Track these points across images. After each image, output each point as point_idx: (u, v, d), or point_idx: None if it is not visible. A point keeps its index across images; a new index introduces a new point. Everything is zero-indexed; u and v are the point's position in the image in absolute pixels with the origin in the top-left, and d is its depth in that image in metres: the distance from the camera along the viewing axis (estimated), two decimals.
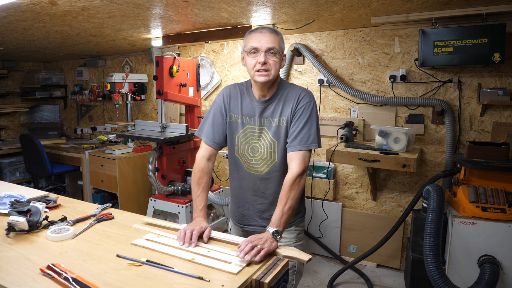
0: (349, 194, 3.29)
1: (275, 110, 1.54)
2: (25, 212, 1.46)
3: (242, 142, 1.60)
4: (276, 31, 1.51)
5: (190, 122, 3.39)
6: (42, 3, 2.00)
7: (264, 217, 1.64)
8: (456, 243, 2.21)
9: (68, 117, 5.40)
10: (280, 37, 1.51)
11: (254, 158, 1.58)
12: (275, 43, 1.47)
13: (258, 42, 1.46)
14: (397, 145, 2.69)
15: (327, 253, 3.33)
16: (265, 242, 1.25)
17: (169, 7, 2.21)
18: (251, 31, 1.52)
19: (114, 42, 3.56)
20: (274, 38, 1.48)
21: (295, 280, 1.64)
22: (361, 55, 3.08)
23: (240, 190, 1.67)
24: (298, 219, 1.69)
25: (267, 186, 1.60)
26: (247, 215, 1.68)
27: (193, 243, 1.30)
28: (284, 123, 1.53)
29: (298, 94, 1.54)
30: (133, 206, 3.77)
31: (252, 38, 1.49)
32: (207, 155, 1.63)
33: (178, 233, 1.35)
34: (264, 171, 1.58)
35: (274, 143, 1.55)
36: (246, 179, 1.63)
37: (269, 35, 1.47)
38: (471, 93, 2.72)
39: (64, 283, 1.04)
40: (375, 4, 2.22)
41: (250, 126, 1.58)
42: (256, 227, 1.65)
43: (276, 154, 1.56)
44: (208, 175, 1.60)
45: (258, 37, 1.47)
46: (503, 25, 2.33)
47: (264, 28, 1.50)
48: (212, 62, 3.86)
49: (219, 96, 1.65)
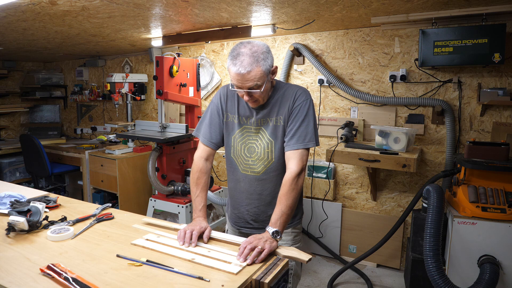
0: (349, 194, 3.29)
1: (272, 110, 1.54)
2: (25, 212, 1.46)
3: (238, 143, 1.59)
4: (255, 60, 1.38)
5: (190, 122, 3.39)
6: (42, 3, 2.00)
7: (259, 220, 1.63)
8: (456, 243, 2.21)
9: (68, 117, 5.40)
10: (260, 64, 1.39)
11: (251, 159, 1.58)
12: (255, 80, 1.39)
13: (238, 81, 1.41)
14: (397, 145, 2.69)
15: (327, 253, 3.33)
16: (265, 243, 1.25)
17: (169, 7, 2.21)
18: (231, 60, 1.41)
19: (114, 42, 3.56)
20: (253, 74, 1.38)
21: (293, 282, 1.62)
22: (361, 55, 3.08)
23: (236, 192, 1.67)
24: (295, 221, 1.67)
25: (264, 187, 1.59)
26: (242, 218, 1.67)
27: (193, 243, 1.30)
28: (281, 122, 1.53)
29: (294, 93, 1.53)
30: (133, 206, 3.77)
31: (232, 74, 1.42)
32: (205, 155, 1.63)
33: (178, 233, 1.35)
34: (261, 171, 1.58)
35: (272, 143, 1.54)
36: (241, 182, 1.63)
37: (247, 74, 1.38)
38: (471, 93, 2.72)
39: (64, 283, 1.04)
40: (375, 4, 2.22)
41: (247, 126, 1.57)
42: (252, 230, 1.64)
43: (273, 154, 1.55)
44: (206, 175, 1.60)
45: (237, 77, 1.40)
46: (503, 25, 2.33)
47: (242, 63, 1.37)
48: (212, 62, 3.86)
49: (216, 96, 1.65)
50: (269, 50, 1.45)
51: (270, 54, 1.44)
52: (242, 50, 1.40)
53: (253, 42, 1.43)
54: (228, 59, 1.43)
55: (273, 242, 1.28)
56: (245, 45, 1.41)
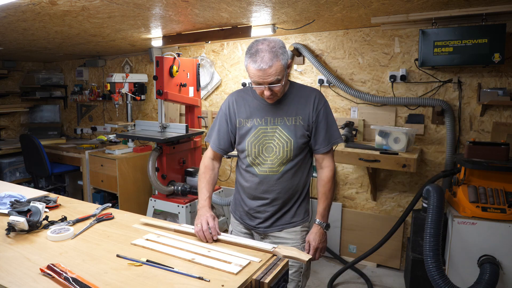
0: (349, 194, 3.29)
1: (290, 110, 1.58)
2: (25, 212, 1.46)
3: (255, 145, 1.60)
4: (274, 55, 1.42)
5: (190, 122, 3.39)
6: (42, 3, 2.00)
7: (274, 217, 1.65)
8: (456, 243, 2.21)
9: (68, 117, 5.40)
10: (280, 59, 1.43)
11: (270, 158, 1.59)
12: (276, 74, 1.43)
13: (259, 78, 1.44)
14: (397, 145, 2.69)
15: (327, 253, 3.32)
16: (324, 241, 1.65)
17: (169, 7, 2.21)
18: (251, 58, 1.44)
19: (114, 42, 3.56)
20: (274, 69, 1.42)
21: (302, 281, 1.66)
22: (361, 55, 3.08)
23: (251, 190, 1.66)
24: (304, 218, 1.71)
25: (281, 185, 1.61)
26: (256, 216, 1.68)
27: (215, 236, 1.36)
28: (301, 122, 1.58)
29: (313, 98, 1.60)
30: (133, 206, 3.77)
31: (252, 71, 1.45)
32: (212, 157, 1.73)
33: (196, 233, 1.38)
34: (279, 170, 1.60)
35: (290, 142, 1.57)
36: (258, 181, 1.63)
37: (268, 69, 1.41)
38: (471, 93, 2.72)
39: (64, 283, 1.04)
40: (375, 4, 2.22)
41: (262, 127, 1.59)
42: (265, 229, 1.67)
43: (292, 153, 1.59)
44: (212, 172, 1.69)
45: (258, 73, 1.43)
46: (503, 25, 2.33)
47: (263, 59, 1.41)
48: (212, 62, 3.86)
49: (225, 104, 1.70)
50: (285, 45, 1.50)
51: (286, 48, 1.50)
52: (260, 47, 1.44)
53: (269, 39, 1.47)
54: (246, 57, 1.47)
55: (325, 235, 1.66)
56: (262, 42, 1.46)
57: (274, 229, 1.66)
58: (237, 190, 1.76)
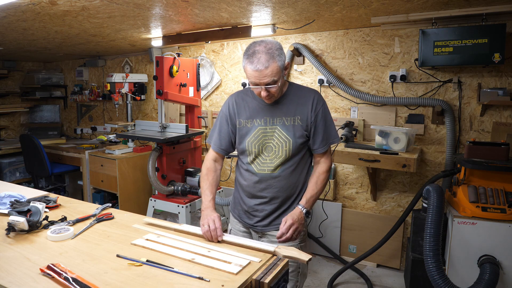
0: (349, 194, 3.29)
1: (289, 110, 1.61)
2: (25, 212, 1.46)
3: (255, 145, 1.62)
4: (271, 56, 1.45)
5: (190, 122, 3.39)
6: (42, 3, 2.00)
7: (273, 216, 1.67)
8: (456, 243, 2.21)
9: (68, 117, 5.40)
10: (276, 60, 1.46)
11: (269, 157, 1.62)
12: (272, 75, 1.46)
13: (256, 78, 1.48)
14: (397, 145, 2.69)
15: (327, 253, 3.33)
16: (301, 224, 1.55)
17: (169, 7, 2.21)
18: (248, 59, 1.47)
19: (114, 42, 3.56)
20: (270, 70, 1.45)
21: (300, 281, 1.67)
22: (361, 55, 3.08)
23: (249, 188, 1.68)
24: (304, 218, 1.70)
25: (279, 183, 1.63)
26: (254, 215, 1.70)
27: (220, 237, 1.38)
28: (299, 122, 1.60)
29: (312, 98, 1.62)
30: (133, 206, 3.77)
31: (249, 71, 1.48)
32: (214, 158, 1.76)
33: (204, 234, 1.40)
34: (277, 169, 1.62)
35: (289, 141, 1.59)
36: (257, 180, 1.65)
37: (265, 70, 1.44)
38: (471, 93, 2.72)
39: (64, 283, 1.04)
40: (375, 4, 2.22)
41: (262, 127, 1.62)
42: (263, 228, 1.69)
43: (291, 152, 1.61)
44: (214, 173, 1.71)
45: (255, 74, 1.46)
46: (503, 25, 2.32)
47: (259, 60, 1.44)
48: (212, 62, 3.86)
49: (225, 105, 1.73)
50: (282, 47, 1.52)
51: (283, 50, 1.52)
52: (257, 49, 1.47)
53: (266, 40, 1.50)
54: (244, 58, 1.50)
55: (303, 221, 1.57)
56: (259, 43, 1.49)
57: (272, 228, 1.66)
58: (237, 189, 1.78)
